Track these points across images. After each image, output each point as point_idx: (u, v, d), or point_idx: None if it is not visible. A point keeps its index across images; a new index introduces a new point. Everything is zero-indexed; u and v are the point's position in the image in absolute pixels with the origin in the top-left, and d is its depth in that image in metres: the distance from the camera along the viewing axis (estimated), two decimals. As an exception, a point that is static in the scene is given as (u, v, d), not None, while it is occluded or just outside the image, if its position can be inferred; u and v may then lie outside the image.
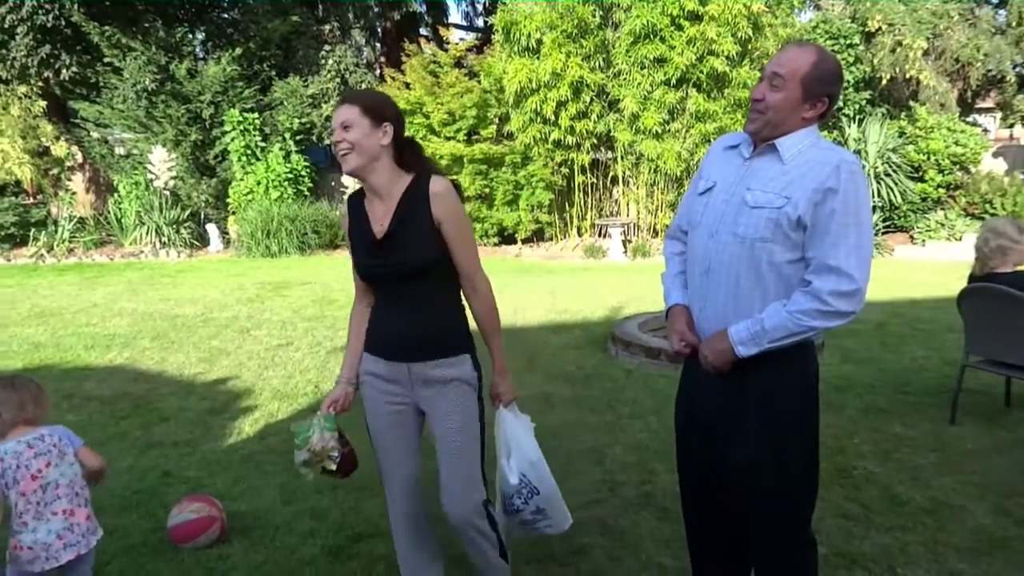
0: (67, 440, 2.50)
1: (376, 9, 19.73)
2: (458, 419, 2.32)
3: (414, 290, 2.28)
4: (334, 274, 10.26)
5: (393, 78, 12.95)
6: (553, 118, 11.20)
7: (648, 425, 4.44)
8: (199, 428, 4.59)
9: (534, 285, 9.21)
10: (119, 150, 13.52)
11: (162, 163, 12.48)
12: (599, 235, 12.39)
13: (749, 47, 10.82)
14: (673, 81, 10.80)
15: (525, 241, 12.62)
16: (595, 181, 12.42)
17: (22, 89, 12.89)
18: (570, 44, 10.99)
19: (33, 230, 12.46)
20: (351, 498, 3.58)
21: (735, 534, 2.29)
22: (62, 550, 2.37)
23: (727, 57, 10.55)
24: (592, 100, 11.30)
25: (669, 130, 11.12)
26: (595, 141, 11.77)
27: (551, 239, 12.81)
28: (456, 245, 2.25)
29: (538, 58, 11.12)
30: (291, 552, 3.10)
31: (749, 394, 2.09)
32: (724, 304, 2.09)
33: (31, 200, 13.38)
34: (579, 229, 12.59)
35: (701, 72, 10.72)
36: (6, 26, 12.39)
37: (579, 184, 12.19)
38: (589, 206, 12.53)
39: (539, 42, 11.15)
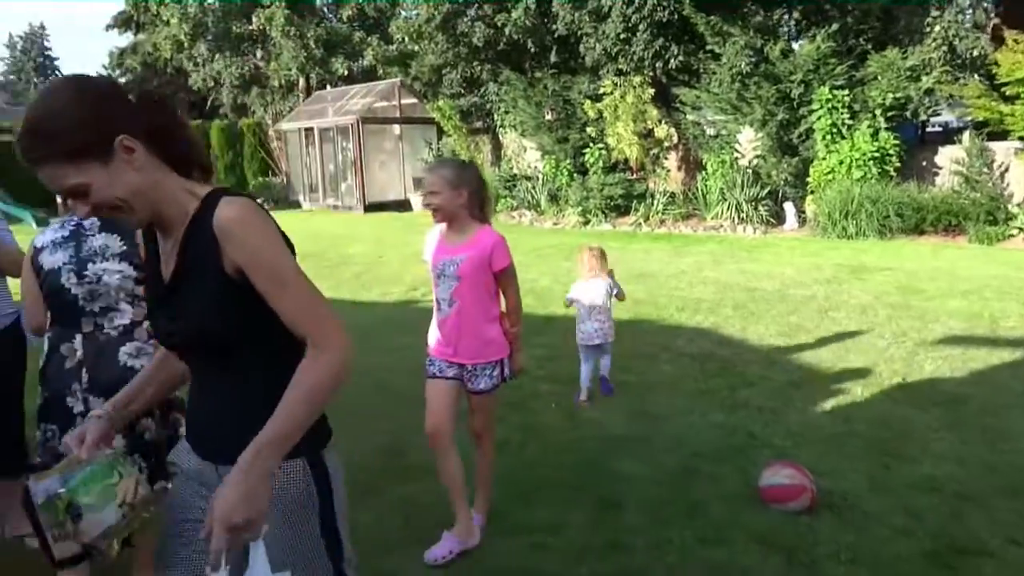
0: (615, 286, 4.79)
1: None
2: (297, 566, 1.50)
3: (218, 365, 1.56)
4: (918, 262, 9.41)
5: (1016, 41, 11.12)
6: None
7: None
8: (781, 398, 4.73)
9: None
10: (710, 131, 14.55)
11: (748, 143, 13.04)
12: None
13: None
14: None
15: None
16: None
17: (637, 79, 14.79)
18: None
19: (634, 202, 14.32)
20: (951, 504, 3.28)
21: None
22: (595, 337, 4.66)
23: None
24: None
25: None
26: None
27: None
28: (272, 294, 1.45)
29: None
30: (883, 543, 2.98)
31: None
32: None
33: (634, 176, 15.35)
34: None
35: None
36: (630, 24, 14.34)
37: None
38: None
39: None
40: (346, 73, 24.36)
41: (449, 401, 3.02)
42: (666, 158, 15.49)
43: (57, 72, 59.45)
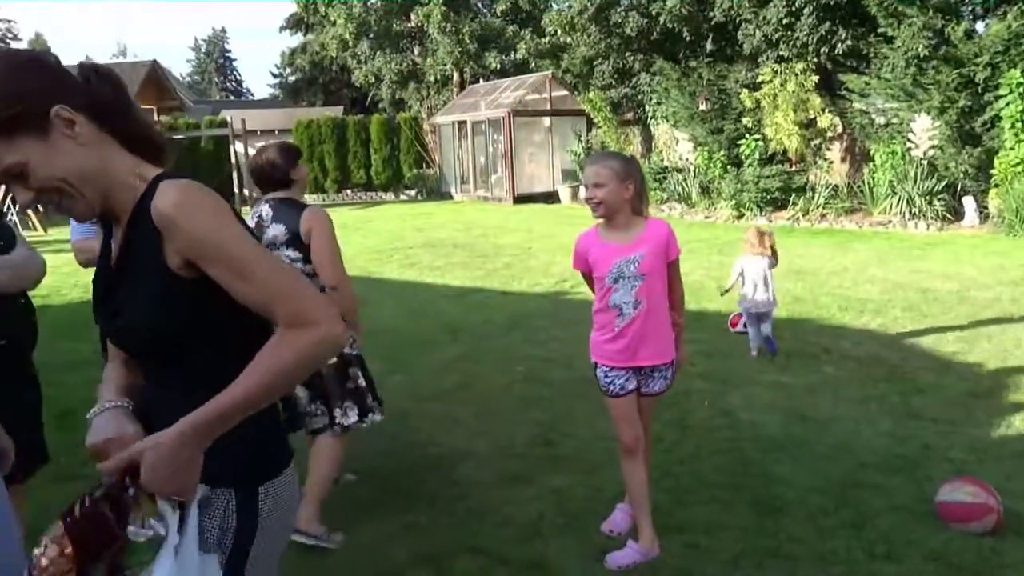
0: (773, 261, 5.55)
1: None
2: None
3: (168, 367, 1.39)
4: None
5: None
6: None
7: None
8: (960, 409, 4.36)
9: None
10: (879, 120, 13.60)
11: (923, 132, 12.09)
12: None
13: None
14: None
15: None
16: None
17: (799, 66, 14.06)
18: None
19: (793, 195, 13.66)
20: None
21: None
22: (761, 306, 5.41)
23: None
24: None
25: None
26: None
27: None
28: (233, 283, 1.28)
29: None
30: (1085, 576, 2.69)
31: None
32: None
33: (793, 168, 14.63)
34: None
35: None
36: (794, 8, 13.65)
37: None
38: None
39: None
40: (498, 67, 24.77)
41: (637, 411, 2.94)
42: (829, 149, 14.66)
43: (236, 73, 64.37)
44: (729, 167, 14.85)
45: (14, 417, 2.02)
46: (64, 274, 9.22)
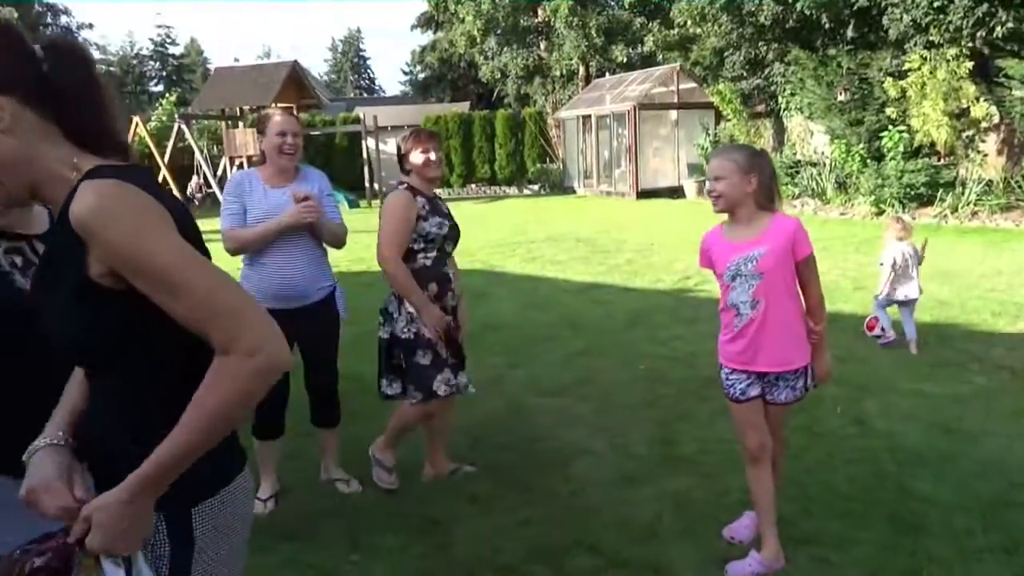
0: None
1: None
2: None
3: (99, 378, 1.31)
4: None
5: None
6: None
7: None
8: None
9: None
10: (1042, 108, 12.47)
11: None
12: None
13: None
14: None
15: None
16: None
17: (951, 52, 13.07)
18: None
19: (940, 191, 12.72)
20: None
21: None
22: (903, 294, 5.35)
23: None
24: None
25: None
26: None
27: None
28: (160, 300, 1.16)
29: None
30: None
31: None
32: None
33: (941, 161, 13.64)
34: None
35: None
36: (944, -9, 12.71)
37: None
38: None
39: None
40: (625, 60, 24.49)
41: (762, 417, 2.81)
42: (983, 141, 13.58)
43: (369, 71, 66.74)
44: (869, 161, 14.02)
45: None
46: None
